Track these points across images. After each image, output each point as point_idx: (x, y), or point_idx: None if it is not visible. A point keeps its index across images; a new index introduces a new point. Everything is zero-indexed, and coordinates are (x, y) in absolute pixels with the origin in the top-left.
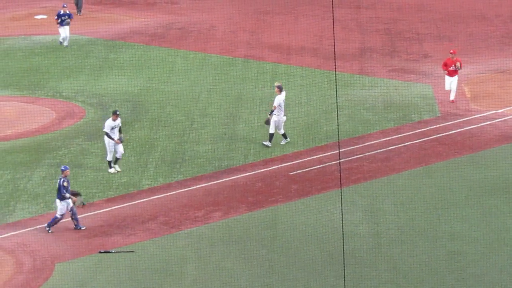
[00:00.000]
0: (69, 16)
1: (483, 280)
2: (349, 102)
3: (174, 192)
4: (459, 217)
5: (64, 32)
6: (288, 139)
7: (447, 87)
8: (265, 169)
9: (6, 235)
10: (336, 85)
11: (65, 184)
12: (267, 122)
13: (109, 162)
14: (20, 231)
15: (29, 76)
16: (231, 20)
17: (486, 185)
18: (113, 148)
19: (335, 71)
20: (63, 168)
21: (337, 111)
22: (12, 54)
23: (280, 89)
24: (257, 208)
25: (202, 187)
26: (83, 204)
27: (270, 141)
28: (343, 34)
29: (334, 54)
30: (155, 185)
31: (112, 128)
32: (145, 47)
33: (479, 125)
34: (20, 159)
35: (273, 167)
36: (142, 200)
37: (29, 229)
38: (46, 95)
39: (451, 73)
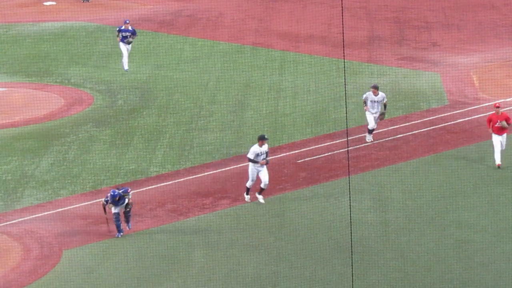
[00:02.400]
0: (133, 33)
1: (490, 269)
2: (357, 90)
3: (182, 179)
4: (467, 205)
5: (126, 50)
6: (370, 137)
7: (496, 149)
8: (273, 157)
9: (13, 221)
10: (344, 73)
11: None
12: (381, 118)
13: (247, 189)
14: (28, 217)
15: (37, 62)
16: (239, 8)
17: (494, 174)
18: (256, 175)
19: (344, 59)
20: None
21: (346, 99)
22: (21, 41)
23: (375, 88)
24: (265, 195)
25: (210, 174)
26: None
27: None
28: (352, 22)
29: (343, 42)
30: (163, 172)
31: (258, 155)
32: (153, 34)
33: (487, 113)
34: (28, 146)
35: (281, 155)
36: (150, 187)
37: (36, 215)
38: (55, 81)
39: (498, 131)
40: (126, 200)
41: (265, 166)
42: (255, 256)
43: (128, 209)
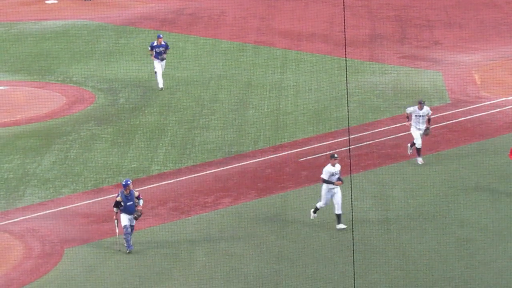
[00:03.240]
0: (166, 47)
1: (492, 267)
2: (359, 89)
3: (183, 178)
4: (469, 204)
5: (160, 68)
6: (421, 158)
7: None
8: (274, 155)
9: (15, 220)
10: (346, 71)
11: (118, 198)
12: (426, 133)
13: (316, 209)
14: (30, 216)
15: (39, 61)
16: (241, 6)
17: (496, 172)
18: (329, 196)
19: (345, 57)
20: (124, 183)
21: (347, 97)
22: (23, 39)
23: (421, 103)
24: (266, 194)
25: (211, 173)
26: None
27: (418, 155)
28: (354, 21)
29: (345, 40)
30: (165, 171)
31: (332, 175)
32: (155, 32)
33: (489, 112)
34: (30, 144)
35: (283, 153)
36: (151, 186)
37: (38, 214)
38: (56, 80)
39: None
40: (136, 193)
41: (339, 187)
42: (257, 254)
43: (136, 216)
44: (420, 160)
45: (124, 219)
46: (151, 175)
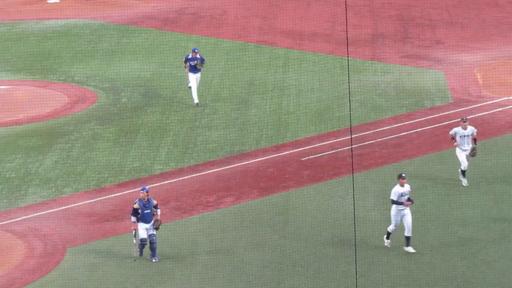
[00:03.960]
0: (202, 61)
1: (494, 267)
2: (361, 88)
3: (185, 177)
4: (471, 203)
5: (195, 82)
6: (466, 180)
7: None
8: (277, 155)
9: (17, 219)
10: (348, 71)
11: (135, 205)
12: (473, 154)
13: (388, 234)
14: (32, 215)
15: (41, 60)
16: (243, 5)
17: (498, 172)
18: (399, 219)
19: (348, 57)
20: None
21: (349, 97)
22: (25, 39)
23: (464, 121)
24: (269, 193)
25: (213, 172)
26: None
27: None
28: (356, 20)
29: (347, 39)
30: (167, 170)
31: (402, 195)
32: (157, 32)
33: (491, 111)
34: (32, 144)
35: (285, 153)
36: (153, 185)
37: (40, 213)
38: (58, 79)
39: None
40: (154, 202)
41: (408, 208)
42: (259, 254)
43: (156, 226)
44: (464, 181)
45: (142, 230)
46: (153, 175)
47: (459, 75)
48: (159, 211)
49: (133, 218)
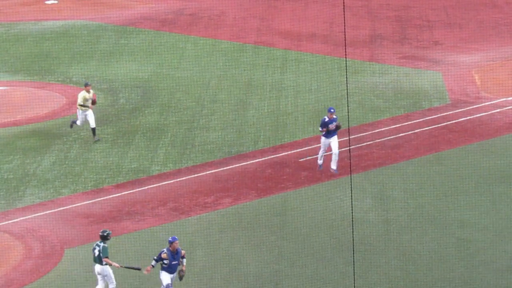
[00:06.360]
0: (337, 126)
1: (492, 268)
2: (359, 89)
3: (183, 178)
4: (469, 204)
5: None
6: None
7: None
8: (274, 156)
9: (15, 220)
10: (346, 71)
11: (163, 255)
12: None
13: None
14: (30, 216)
15: (39, 61)
16: (241, 6)
17: (496, 173)
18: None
19: (345, 57)
20: (170, 240)
21: (347, 98)
22: (23, 39)
23: None
24: (266, 194)
25: (211, 173)
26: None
27: None
28: (354, 21)
29: (345, 40)
30: (165, 171)
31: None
32: (155, 32)
33: (489, 112)
34: (30, 144)
35: (283, 154)
36: (151, 186)
37: (38, 214)
38: (56, 80)
39: None
40: (182, 252)
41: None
42: (257, 255)
43: (180, 276)
44: None
45: (166, 277)
46: (151, 176)
47: (457, 76)
48: (184, 261)
49: (154, 263)
